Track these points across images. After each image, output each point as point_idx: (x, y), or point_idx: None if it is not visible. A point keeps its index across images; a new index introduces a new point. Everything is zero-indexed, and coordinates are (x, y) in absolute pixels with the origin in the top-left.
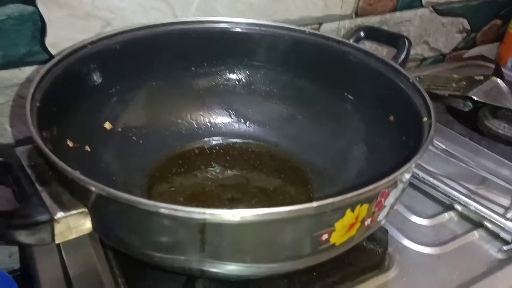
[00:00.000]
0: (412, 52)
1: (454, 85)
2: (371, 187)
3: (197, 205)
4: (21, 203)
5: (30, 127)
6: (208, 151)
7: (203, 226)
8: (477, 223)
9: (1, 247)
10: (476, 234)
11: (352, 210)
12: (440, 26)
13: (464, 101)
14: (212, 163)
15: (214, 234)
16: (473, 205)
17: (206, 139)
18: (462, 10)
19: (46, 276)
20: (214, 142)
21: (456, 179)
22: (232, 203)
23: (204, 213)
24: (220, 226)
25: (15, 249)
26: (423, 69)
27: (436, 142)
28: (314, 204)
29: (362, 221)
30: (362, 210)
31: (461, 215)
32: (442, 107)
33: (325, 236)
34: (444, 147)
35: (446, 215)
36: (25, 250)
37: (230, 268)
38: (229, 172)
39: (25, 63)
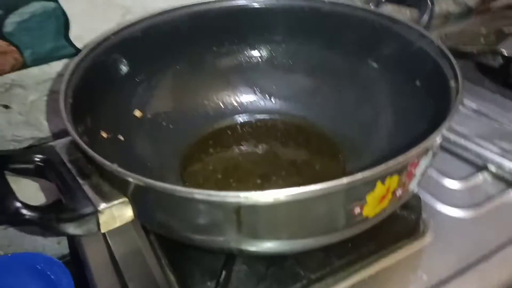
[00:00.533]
0: (436, 8)
1: (482, 40)
2: (400, 159)
3: (231, 183)
4: (66, 197)
5: (66, 124)
6: (236, 129)
7: (238, 209)
8: (511, 183)
9: (50, 236)
10: (511, 193)
11: (383, 182)
12: None
13: (494, 56)
14: (241, 140)
15: (249, 215)
16: (507, 164)
17: (233, 117)
18: None
19: (95, 261)
20: (241, 120)
21: (489, 139)
22: (264, 178)
23: (238, 196)
24: (254, 208)
25: (62, 237)
26: (449, 25)
27: (466, 101)
28: (344, 180)
29: (393, 192)
30: (392, 181)
31: (495, 175)
32: (471, 64)
33: (357, 210)
34: (474, 106)
35: (480, 176)
36: (73, 239)
37: (267, 246)
38: (259, 148)
39: (53, 58)
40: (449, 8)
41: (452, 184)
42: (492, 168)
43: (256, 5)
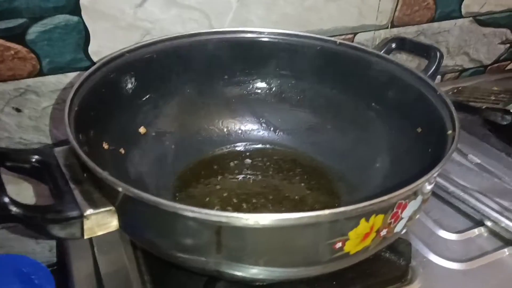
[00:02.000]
0: (451, 63)
1: (493, 97)
2: (385, 197)
3: (223, 209)
4: (56, 199)
5: (66, 128)
6: (237, 157)
7: (219, 229)
8: (507, 241)
9: (42, 242)
10: (506, 251)
11: (367, 220)
12: (481, 36)
13: (503, 115)
14: (241, 168)
15: (230, 236)
16: (504, 221)
17: (235, 145)
18: (505, 21)
19: (79, 271)
20: (243, 148)
21: (489, 195)
22: (258, 209)
23: (220, 215)
24: (235, 229)
25: (55, 244)
26: (462, 80)
27: (470, 155)
28: (326, 211)
29: (378, 232)
30: (377, 220)
31: (491, 231)
32: (479, 120)
33: (339, 244)
34: (478, 161)
35: (476, 231)
36: (61, 247)
37: (245, 271)
38: (257, 178)
39: (70, 69)
40: (464, 65)
41: (446, 235)
42: (489, 224)
43: (270, 39)
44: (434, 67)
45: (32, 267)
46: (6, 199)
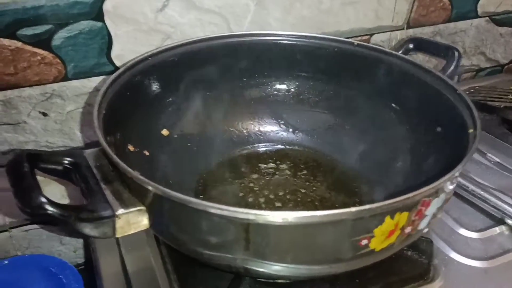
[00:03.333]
0: (467, 63)
1: (510, 96)
2: (410, 195)
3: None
4: (88, 199)
5: (96, 131)
6: (257, 157)
7: (247, 226)
8: None
9: (67, 243)
10: None
11: (392, 217)
12: (497, 36)
13: None
14: (261, 169)
15: (258, 233)
16: None
17: (255, 145)
18: None
19: (107, 270)
20: (263, 149)
21: (509, 193)
22: (278, 208)
23: (249, 213)
24: (263, 227)
25: (79, 245)
26: (479, 80)
27: (489, 154)
28: (352, 209)
29: (402, 229)
30: (401, 217)
31: None
32: (497, 119)
33: (364, 241)
34: (497, 160)
35: (497, 229)
36: (89, 247)
37: (272, 268)
38: (277, 178)
39: (93, 74)
40: (480, 64)
41: (467, 234)
42: (510, 222)
43: (288, 42)
44: (452, 66)
45: (60, 267)
46: (43, 199)
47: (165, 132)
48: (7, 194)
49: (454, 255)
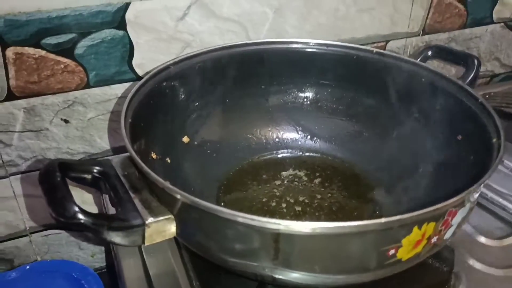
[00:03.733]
0: (482, 68)
1: None
2: (439, 205)
3: (266, 215)
4: (118, 208)
5: (125, 140)
6: (276, 164)
7: (277, 236)
8: None
9: (86, 249)
10: None
11: (419, 228)
12: None
13: None
14: (279, 175)
15: (287, 243)
16: None
17: (274, 152)
18: None
19: (130, 275)
20: (281, 156)
21: None
22: (298, 215)
23: (279, 224)
24: (293, 237)
25: (97, 249)
26: (493, 86)
27: (506, 161)
28: (382, 220)
29: (429, 239)
30: (429, 227)
31: None
32: None
33: (392, 251)
34: None
35: None
36: (110, 252)
37: (300, 277)
38: (296, 183)
39: (114, 81)
40: (495, 70)
41: (487, 242)
42: None
43: (307, 49)
44: (472, 75)
45: (81, 272)
46: (76, 208)
47: (185, 139)
48: (27, 199)
49: (474, 263)
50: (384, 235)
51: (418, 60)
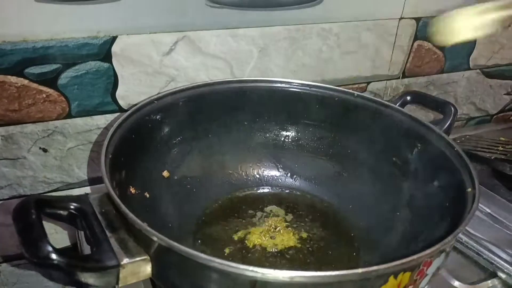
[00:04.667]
0: (459, 112)
1: (500, 148)
2: (414, 257)
3: (242, 255)
4: (93, 248)
5: (104, 179)
6: (255, 200)
7: (254, 283)
8: None
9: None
10: None
11: (395, 277)
12: (487, 87)
13: (511, 165)
14: (259, 212)
15: None
16: None
17: (254, 188)
18: (510, 73)
19: None
20: (261, 191)
21: (501, 245)
22: (275, 256)
23: (256, 271)
24: (270, 284)
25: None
26: (469, 129)
27: (481, 206)
28: (359, 270)
29: None
30: (404, 277)
31: (504, 283)
32: (488, 170)
33: None
34: (489, 211)
35: (489, 283)
36: None
37: None
38: (274, 221)
39: (97, 112)
40: (470, 113)
41: (462, 287)
42: (502, 276)
43: (290, 89)
44: (449, 122)
45: None
46: (50, 248)
47: (165, 173)
48: None
49: None
50: (361, 284)
51: (397, 105)
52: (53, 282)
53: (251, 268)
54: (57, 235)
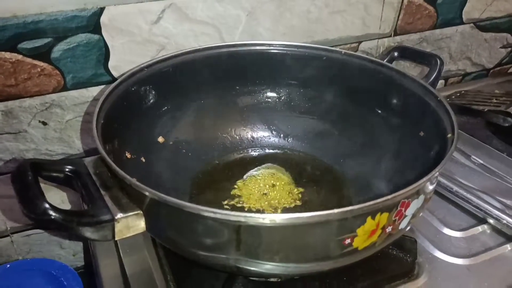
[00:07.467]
0: (454, 67)
1: (495, 100)
2: (389, 196)
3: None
4: (88, 205)
5: (96, 140)
6: (250, 161)
7: (238, 228)
8: (509, 237)
9: (67, 248)
10: (508, 247)
11: (373, 218)
12: (482, 41)
13: (505, 117)
14: (253, 171)
15: (248, 234)
16: (506, 219)
17: (248, 150)
18: (506, 25)
19: (107, 273)
20: (255, 153)
21: (492, 193)
22: (271, 209)
23: (239, 215)
24: (253, 228)
25: (79, 248)
26: (465, 84)
27: (473, 157)
28: (336, 210)
29: (383, 228)
30: (382, 218)
31: (494, 229)
32: (482, 122)
33: (348, 241)
34: (481, 161)
35: (479, 228)
36: (89, 251)
37: (262, 266)
38: (269, 179)
39: (91, 84)
40: (466, 69)
41: (451, 233)
42: (492, 221)
43: (278, 51)
44: (435, 74)
45: (60, 270)
46: (47, 205)
47: (160, 139)
48: (7, 200)
49: (438, 254)
50: (340, 225)
51: (385, 60)
52: (65, 251)
53: (234, 213)
54: (64, 205)
